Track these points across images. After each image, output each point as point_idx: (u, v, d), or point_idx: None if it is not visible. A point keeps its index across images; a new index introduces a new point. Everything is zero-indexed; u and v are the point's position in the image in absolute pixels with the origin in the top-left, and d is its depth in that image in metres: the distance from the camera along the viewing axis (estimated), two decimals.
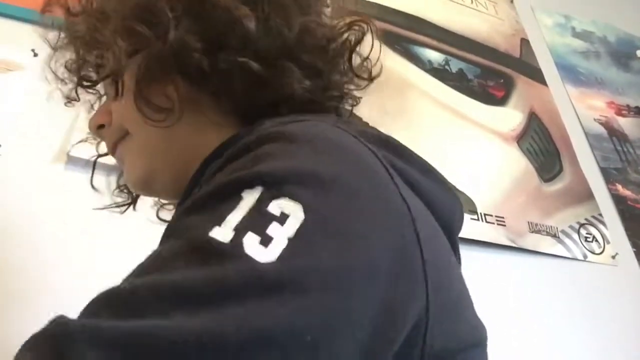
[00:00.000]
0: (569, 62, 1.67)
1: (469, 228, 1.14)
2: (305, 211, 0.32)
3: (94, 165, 0.68)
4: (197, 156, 0.45)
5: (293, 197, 0.32)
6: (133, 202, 0.68)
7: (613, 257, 1.27)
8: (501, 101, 1.44)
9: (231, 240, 0.31)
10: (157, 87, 0.49)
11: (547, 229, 1.24)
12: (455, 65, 1.45)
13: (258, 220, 0.32)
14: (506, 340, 1.03)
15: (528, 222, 1.22)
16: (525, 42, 1.63)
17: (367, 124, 0.49)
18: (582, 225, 1.29)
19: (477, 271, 1.10)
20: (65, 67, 0.58)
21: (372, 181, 0.37)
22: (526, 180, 1.31)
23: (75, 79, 0.57)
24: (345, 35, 0.54)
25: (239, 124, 0.49)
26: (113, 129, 0.55)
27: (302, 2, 0.50)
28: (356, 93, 0.59)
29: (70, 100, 0.62)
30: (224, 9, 0.46)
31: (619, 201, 1.39)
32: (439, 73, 1.40)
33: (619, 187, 1.42)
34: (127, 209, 0.68)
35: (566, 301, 1.16)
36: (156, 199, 0.67)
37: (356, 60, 0.56)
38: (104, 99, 0.65)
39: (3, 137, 0.89)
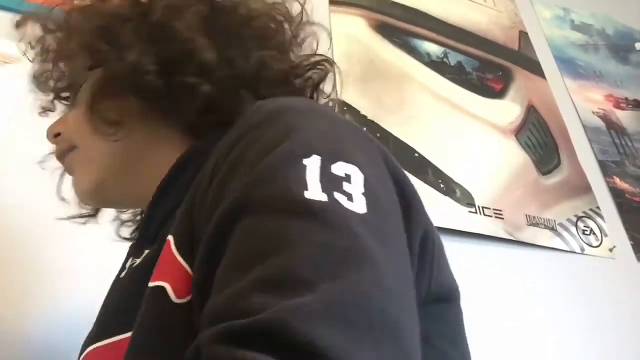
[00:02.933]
0: (567, 55, 1.67)
1: (467, 221, 1.14)
2: (361, 170, 0.36)
3: (62, 175, 0.69)
4: (148, 168, 0.48)
5: (346, 160, 0.36)
6: (95, 214, 0.68)
7: (611, 250, 1.27)
8: (500, 94, 1.44)
9: (329, 199, 0.33)
10: (111, 103, 0.51)
11: (545, 222, 1.24)
12: (454, 58, 1.45)
13: (333, 182, 0.35)
14: (504, 332, 1.04)
15: (526, 215, 1.22)
16: (524, 35, 1.63)
17: None
18: (580, 218, 1.29)
19: (475, 264, 1.10)
20: (34, 77, 0.62)
21: (375, 149, 0.42)
22: (524, 173, 1.31)
23: (48, 89, 0.61)
24: (310, 73, 0.57)
25: (190, 139, 0.52)
26: (65, 138, 0.59)
27: (262, 37, 0.53)
28: None
29: (45, 110, 0.65)
30: (184, 39, 0.49)
31: (617, 194, 1.39)
32: (438, 66, 1.40)
33: (617, 180, 1.42)
34: (88, 221, 0.69)
35: (564, 294, 1.16)
36: (115, 213, 0.69)
37: (319, 98, 0.60)
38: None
39: (1, 130, 0.89)
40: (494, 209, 1.19)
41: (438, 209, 1.12)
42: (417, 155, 1.20)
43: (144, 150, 0.53)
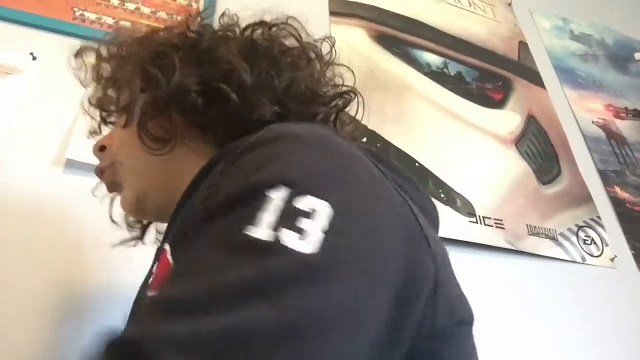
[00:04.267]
0: (567, 65, 1.67)
1: (468, 231, 1.14)
2: (332, 206, 0.35)
3: (112, 201, 0.74)
4: (183, 181, 0.50)
5: (317, 195, 0.35)
6: (142, 236, 0.73)
7: (612, 259, 1.27)
8: (500, 104, 1.44)
9: (270, 238, 0.33)
10: (158, 121, 0.57)
11: (545, 231, 1.24)
12: (453, 69, 1.45)
13: (291, 218, 0.34)
14: (505, 342, 1.03)
15: (527, 225, 1.22)
16: (523, 45, 1.64)
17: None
18: (580, 228, 1.29)
19: (476, 274, 1.10)
20: (90, 102, 0.68)
21: (374, 178, 0.42)
22: (525, 183, 1.31)
23: (99, 114, 0.68)
24: (335, 101, 0.61)
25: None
26: (112, 153, 0.64)
27: (295, 65, 0.58)
28: None
29: (92, 133, 0.72)
30: (226, 62, 0.54)
31: (618, 204, 1.39)
32: (438, 76, 1.41)
33: (618, 189, 1.42)
34: (137, 243, 0.73)
35: (565, 304, 1.16)
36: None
37: (342, 125, 0.64)
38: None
39: (2, 141, 0.89)
40: (494, 219, 1.19)
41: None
42: (417, 165, 1.20)
43: (183, 164, 0.56)
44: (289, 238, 0.33)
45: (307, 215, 0.34)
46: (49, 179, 0.89)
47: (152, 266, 0.58)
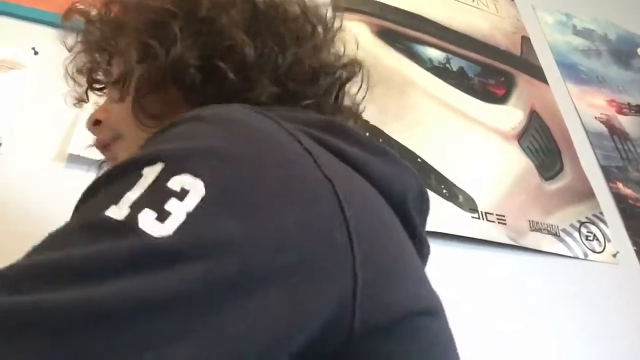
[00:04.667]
0: (569, 60, 1.67)
1: (470, 226, 1.14)
2: (206, 186, 0.31)
3: (99, 166, 0.72)
4: None
5: (194, 173, 0.32)
6: None
7: (614, 255, 1.27)
8: (502, 99, 1.44)
9: (125, 217, 0.30)
10: (154, 96, 0.53)
11: (547, 227, 1.24)
12: (456, 64, 1.45)
13: (157, 196, 0.31)
14: (507, 338, 1.03)
15: (529, 221, 1.22)
16: (526, 40, 1.63)
17: (317, 116, 0.50)
18: (582, 223, 1.29)
19: (478, 270, 1.10)
20: (77, 69, 0.64)
21: (281, 159, 0.36)
22: (527, 178, 1.31)
23: (86, 81, 0.63)
24: (338, 73, 0.58)
25: None
26: (108, 127, 0.60)
27: (298, 37, 0.55)
28: None
29: (79, 101, 0.68)
30: (227, 36, 0.51)
31: (620, 200, 1.39)
32: (440, 71, 1.40)
33: (620, 185, 1.42)
34: None
35: (567, 300, 1.15)
36: None
37: (344, 96, 0.61)
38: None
39: (4, 136, 0.89)
40: (496, 214, 1.19)
41: (441, 214, 1.12)
42: (419, 160, 1.20)
43: None
44: (145, 219, 0.30)
45: (177, 194, 0.31)
46: (51, 174, 0.89)
47: None
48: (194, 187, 0.31)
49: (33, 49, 0.97)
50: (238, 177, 0.33)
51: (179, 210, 0.30)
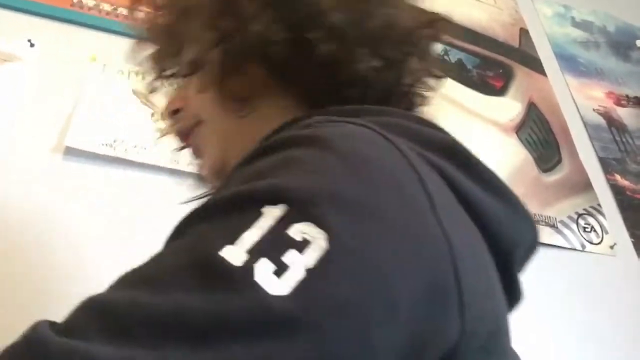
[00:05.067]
0: (568, 52, 1.66)
1: None
2: (330, 240, 0.29)
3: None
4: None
5: (317, 223, 0.29)
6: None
7: (611, 247, 1.27)
8: (500, 91, 1.43)
9: (243, 264, 0.28)
10: (237, 78, 0.49)
11: (545, 219, 1.24)
12: (454, 55, 1.44)
13: (276, 245, 0.29)
14: None
15: None
16: (524, 32, 1.62)
17: (430, 122, 0.47)
18: (580, 215, 1.29)
19: None
20: (150, 58, 0.58)
21: (406, 212, 0.33)
22: (525, 170, 1.31)
23: (156, 70, 0.58)
24: (425, 31, 0.54)
25: (305, 108, 0.48)
26: (189, 115, 0.57)
27: None
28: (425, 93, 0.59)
29: (152, 90, 0.62)
30: (310, 2, 0.46)
31: (618, 191, 1.39)
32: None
33: (618, 177, 1.42)
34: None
35: (564, 291, 1.16)
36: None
37: (429, 57, 0.56)
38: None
39: (0, 129, 0.89)
40: None
41: None
42: None
43: (264, 120, 0.48)
44: (262, 270, 0.28)
45: (297, 245, 0.28)
46: (48, 166, 0.89)
47: None
48: (316, 240, 0.29)
49: (29, 41, 0.97)
50: (362, 235, 0.30)
51: (297, 265, 0.28)
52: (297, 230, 0.29)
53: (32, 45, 0.97)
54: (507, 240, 0.42)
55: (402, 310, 0.30)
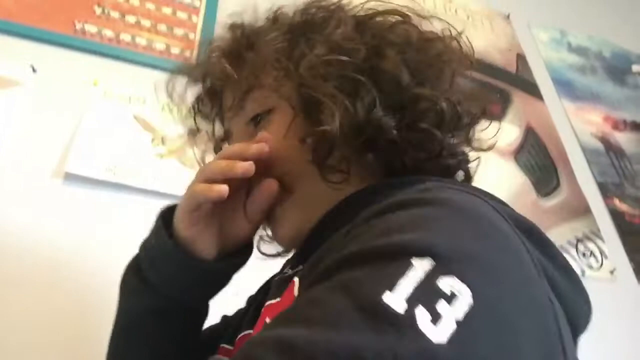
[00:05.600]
0: (565, 77, 1.68)
1: None
2: (474, 296, 0.31)
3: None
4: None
5: (461, 277, 0.32)
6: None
7: (611, 272, 1.27)
8: (498, 116, 1.44)
9: (405, 311, 0.30)
10: (341, 153, 0.51)
11: None
12: None
13: (429, 296, 0.31)
14: None
15: None
16: (521, 58, 1.64)
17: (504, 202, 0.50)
18: (579, 240, 1.29)
19: None
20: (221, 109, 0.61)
21: (524, 272, 0.37)
22: (523, 195, 1.31)
23: (248, 122, 0.57)
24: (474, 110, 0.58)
25: (376, 178, 0.53)
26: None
27: (453, 72, 0.55)
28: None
29: (193, 132, 0.65)
30: (429, 100, 0.51)
31: (617, 216, 1.39)
32: None
33: (616, 201, 1.42)
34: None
35: None
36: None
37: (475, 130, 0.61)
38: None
39: (1, 154, 0.89)
40: None
41: None
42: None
43: (346, 191, 0.51)
44: (422, 318, 0.30)
45: (446, 297, 0.31)
46: (48, 192, 0.89)
47: (284, 265, 0.55)
48: (462, 294, 0.31)
49: (31, 66, 0.98)
50: (498, 291, 0.34)
51: (449, 316, 0.30)
52: (445, 283, 0.32)
53: (34, 70, 0.98)
54: (573, 313, 0.45)
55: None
